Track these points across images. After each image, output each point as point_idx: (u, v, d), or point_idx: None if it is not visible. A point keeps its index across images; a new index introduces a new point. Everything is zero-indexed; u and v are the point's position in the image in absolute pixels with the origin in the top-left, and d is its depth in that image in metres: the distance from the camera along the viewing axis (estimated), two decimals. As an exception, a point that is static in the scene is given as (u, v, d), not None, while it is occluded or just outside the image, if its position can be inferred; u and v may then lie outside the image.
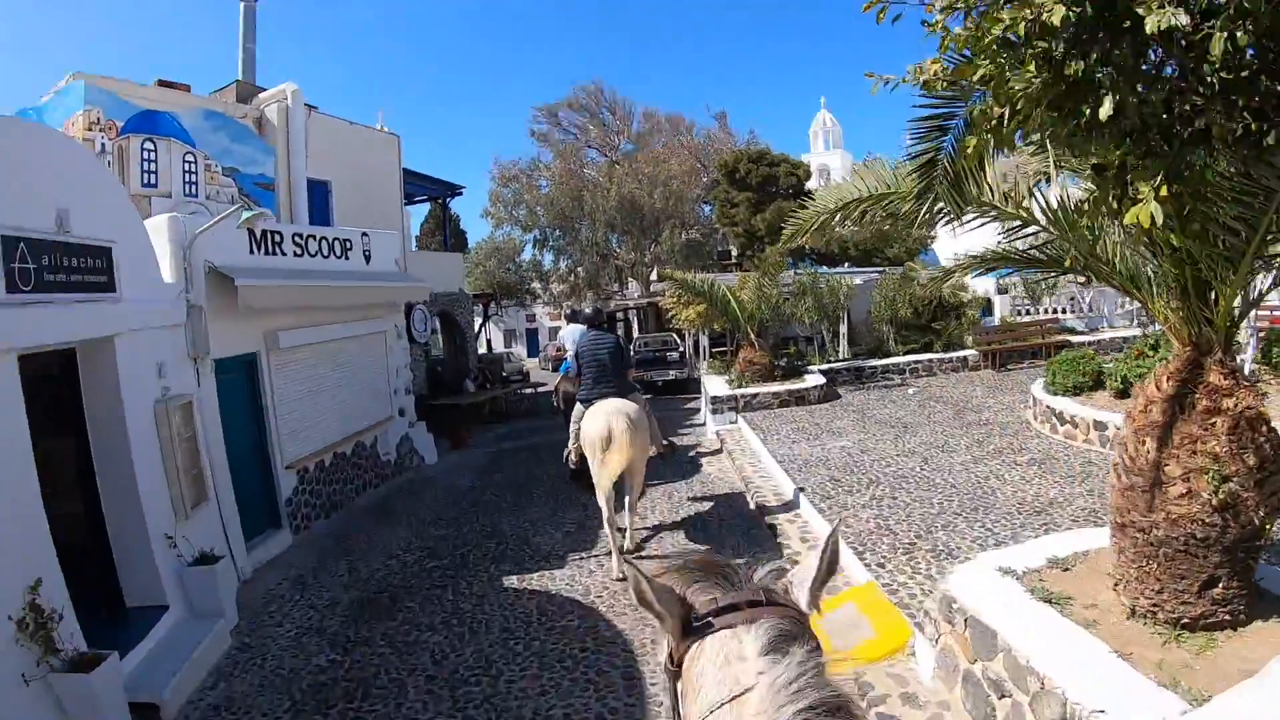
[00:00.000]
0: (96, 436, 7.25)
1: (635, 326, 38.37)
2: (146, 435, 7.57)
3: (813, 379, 15.43)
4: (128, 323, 7.40)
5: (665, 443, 9.46)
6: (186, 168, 11.75)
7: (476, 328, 27.03)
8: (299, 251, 11.17)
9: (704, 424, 16.30)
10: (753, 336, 15.39)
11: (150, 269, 8.12)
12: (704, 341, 20.35)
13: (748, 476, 10.71)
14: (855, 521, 8.07)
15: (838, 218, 5.92)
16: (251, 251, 10.17)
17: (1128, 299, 22.57)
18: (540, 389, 24.21)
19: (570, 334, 11.88)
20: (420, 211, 49.68)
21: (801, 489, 9.38)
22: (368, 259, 12.96)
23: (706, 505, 10.14)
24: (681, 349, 24.82)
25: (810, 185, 34.33)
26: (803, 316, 17.86)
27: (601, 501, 7.93)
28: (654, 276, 37.09)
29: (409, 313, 18.55)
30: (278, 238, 10.74)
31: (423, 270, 20.07)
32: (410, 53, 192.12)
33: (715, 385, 15.32)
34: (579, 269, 37.57)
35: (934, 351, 18.07)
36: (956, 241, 27.99)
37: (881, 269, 23.13)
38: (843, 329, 18.90)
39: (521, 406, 22.51)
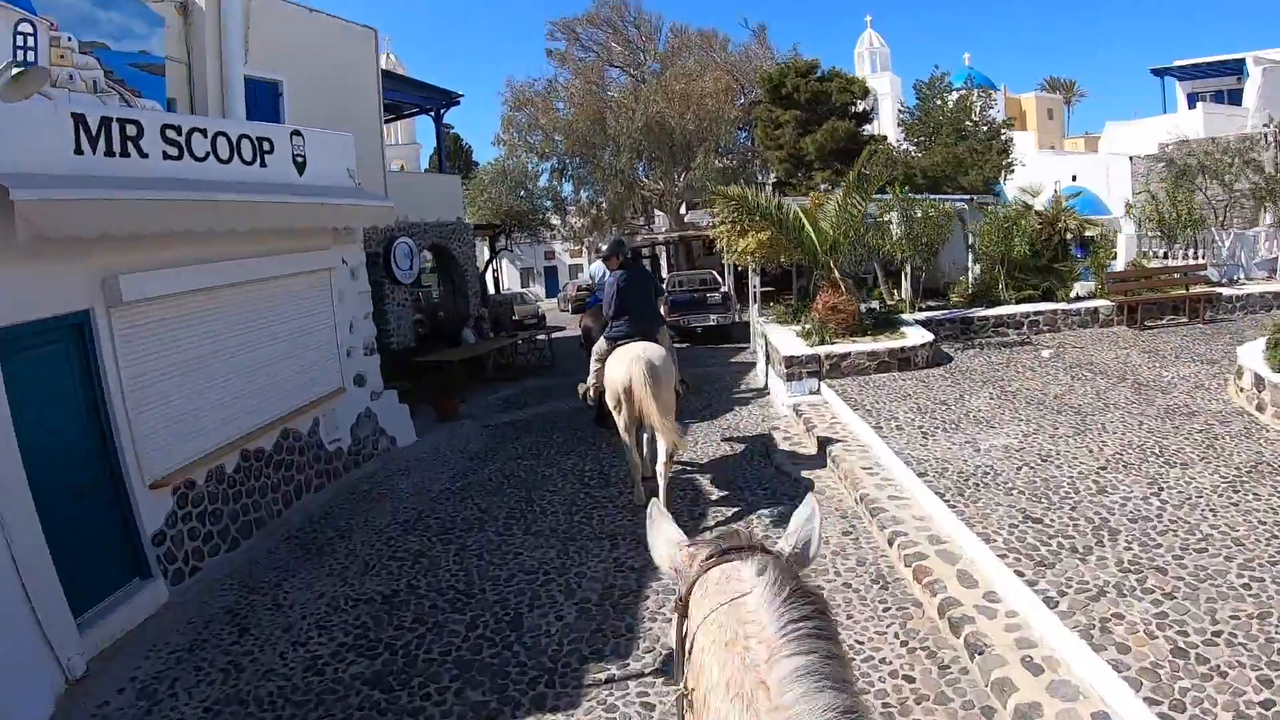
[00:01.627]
0: None
1: (665, 264, 34.53)
2: None
3: (915, 334, 11.48)
4: None
5: (683, 380, 8.48)
6: (19, 41, 7.99)
7: (482, 265, 23.32)
8: (174, 152, 7.31)
9: (765, 388, 12.49)
10: (836, 275, 11.44)
11: None
12: (754, 281, 16.39)
13: (868, 494, 6.89)
14: (1123, 629, 4.29)
15: None
16: (79, 150, 6.32)
17: (1270, 245, 18.66)
18: (558, 335, 20.43)
19: (599, 269, 10.76)
20: (430, 141, 45.81)
21: (980, 536, 5.62)
22: (300, 167, 9.11)
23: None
24: (724, 289, 20.84)
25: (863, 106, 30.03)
26: (893, 250, 13.83)
27: (626, 441, 7.47)
28: (683, 210, 33.12)
29: (389, 247, 14.89)
30: (132, 130, 6.88)
31: (409, 195, 16.35)
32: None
33: (784, 340, 11.39)
34: (601, 200, 33.51)
35: (1056, 300, 14.04)
36: (1029, 171, 23.48)
37: (968, 197, 18.89)
38: (907, 268, 14.91)
39: (534, 359, 18.66)
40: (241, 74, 11.55)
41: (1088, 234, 15.25)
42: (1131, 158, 25.89)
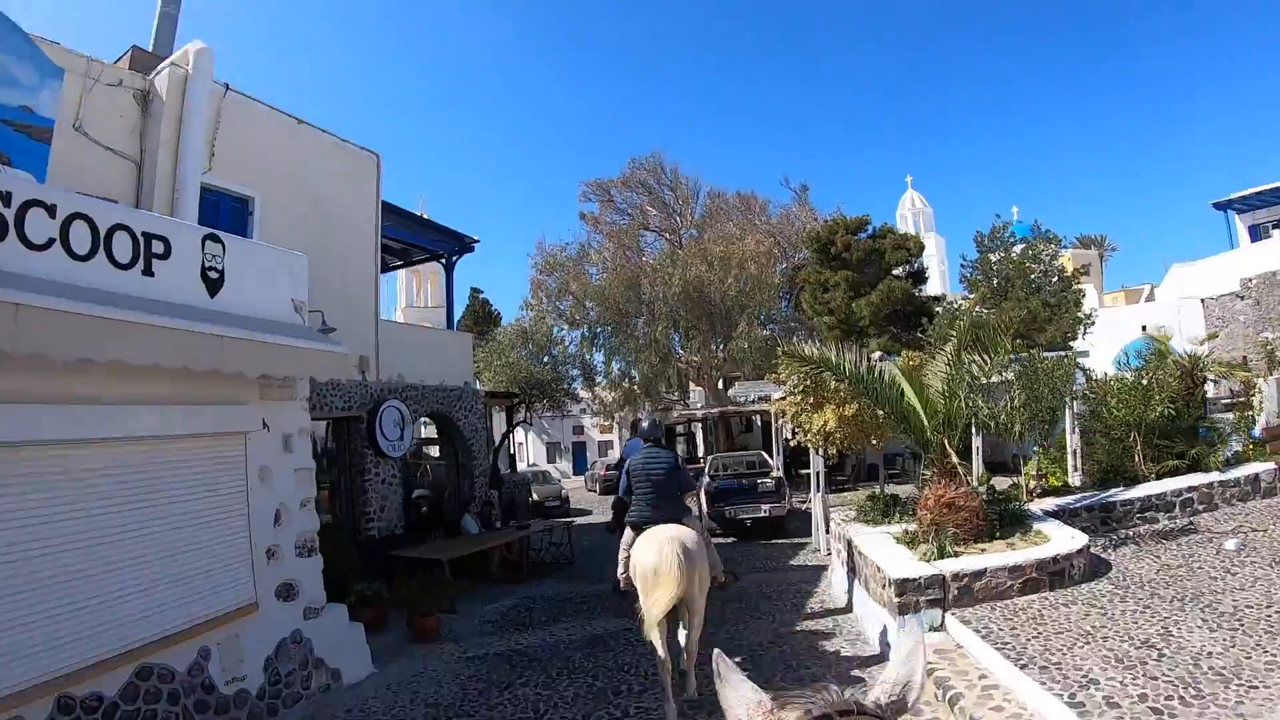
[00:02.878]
0: None
1: (701, 442, 31.68)
2: None
3: (1059, 535, 8.28)
4: None
5: (725, 572, 7.71)
6: None
7: (499, 439, 20.53)
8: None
9: (847, 608, 9.30)
10: (954, 459, 8.41)
11: None
12: (818, 465, 13.41)
13: None
14: None
15: None
16: None
17: None
18: (582, 521, 17.31)
19: (634, 446, 9.48)
20: (461, 304, 44.02)
21: None
22: (214, 286, 6.47)
23: None
24: (776, 473, 17.67)
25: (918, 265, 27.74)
26: (1008, 421, 10.78)
27: (653, 638, 6.36)
28: (721, 384, 30.55)
29: (376, 411, 12.17)
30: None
31: (408, 352, 13.79)
32: (434, 104, 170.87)
33: (883, 551, 8.20)
34: (633, 372, 31.03)
35: (1207, 469, 10.94)
36: (1097, 325, 20.39)
37: (1061, 355, 15.91)
38: (976, 443, 11.86)
39: (550, 554, 15.41)
40: (198, 180, 9.46)
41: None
42: (1204, 300, 23.36)
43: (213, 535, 6.43)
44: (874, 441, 10.40)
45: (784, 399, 11.82)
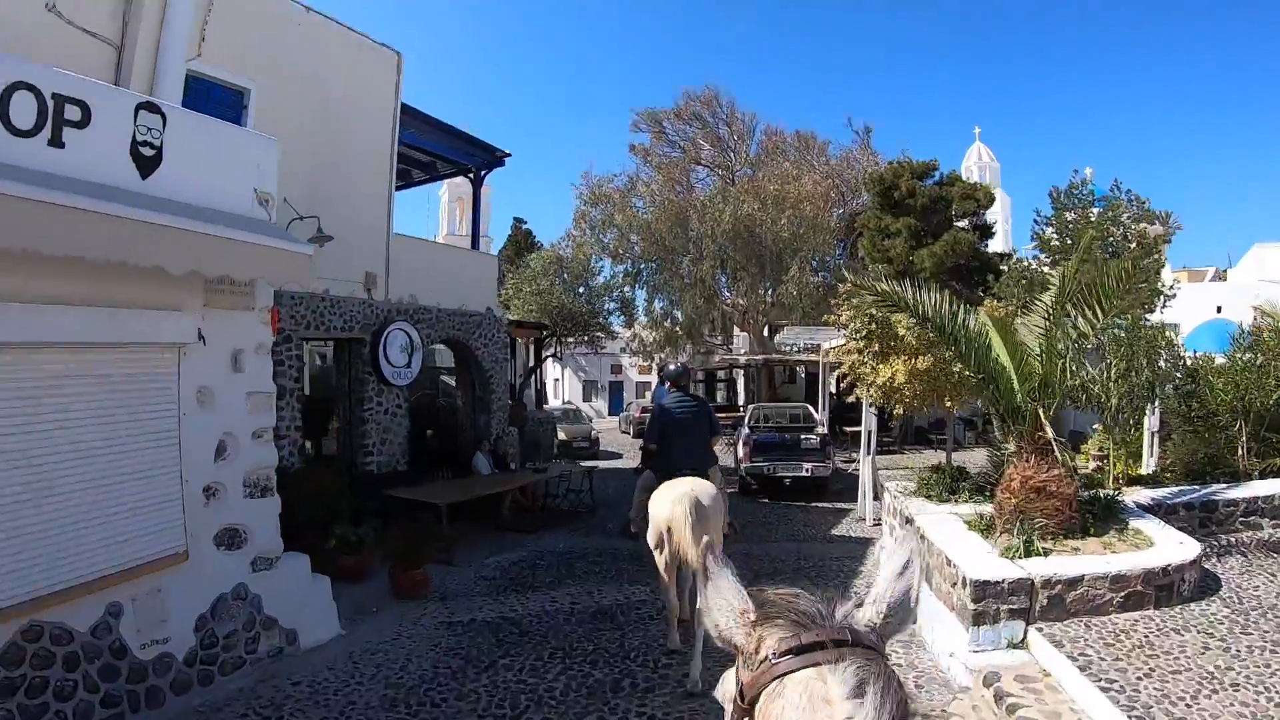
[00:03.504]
0: None
1: (743, 390, 30.33)
2: None
3: (1164, 538, 6.80)
4: None
5: (730, 522, 7.36)
6: None
7: (522, 371, 19.35)
8: None
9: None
10: (1048, 432, 6.96)
11: None
12: (870, 421, 12.04)
13: None
14: None
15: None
16: None
17: None
18: (607, 465, 16.15)
19: (662, 392, 8.66)
20: (503, 233, 42.81)
21: None
22: (147, 165, 5.19)
23: None
24: (821, 430, 16.24)
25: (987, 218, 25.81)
26: (1105, 393, 9.27)
27: (663, 580, 6.55)
28: (766, 331, 29.07)
29: (380, 333, 10.98)
30: None
31: (424, 270, 12.57)
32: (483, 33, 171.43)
33: (954, 539, 6.83)
34: (676, 312, 29.59)
35: (1312, 471, 9.43)
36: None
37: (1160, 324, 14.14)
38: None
39: (569, 500, 14.22)
40: (182, 64, 8.16)
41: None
42: (1286, 286, 21.48)
43: (129, 469, 5.21)
44: (949, 403, 8.98)
45: (840, 346, 10.43)
